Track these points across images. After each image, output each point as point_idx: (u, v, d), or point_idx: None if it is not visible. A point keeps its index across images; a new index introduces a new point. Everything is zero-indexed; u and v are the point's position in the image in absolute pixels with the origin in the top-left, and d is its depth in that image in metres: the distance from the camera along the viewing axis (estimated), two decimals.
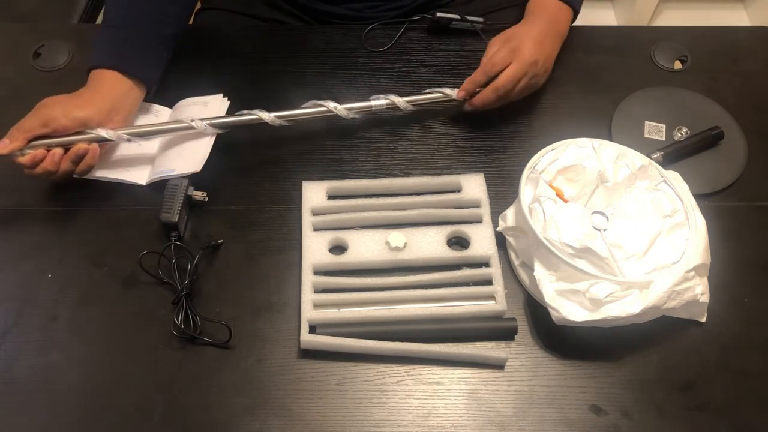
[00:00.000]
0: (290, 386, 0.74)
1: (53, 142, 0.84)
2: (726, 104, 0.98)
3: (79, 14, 1.32)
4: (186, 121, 0.87)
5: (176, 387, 0.74)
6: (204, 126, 0.87)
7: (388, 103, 0.93)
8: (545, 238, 0.77)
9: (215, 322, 0.76)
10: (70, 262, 0.82)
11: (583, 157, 0.84)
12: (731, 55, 1.07)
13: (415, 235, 0.83)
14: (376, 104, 0.93)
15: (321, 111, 0.91)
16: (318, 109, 0.91)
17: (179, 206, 0.82)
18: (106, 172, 0.89)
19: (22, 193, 0.88)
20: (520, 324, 0.78)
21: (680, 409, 0.74)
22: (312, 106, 0.91)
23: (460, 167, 0.92)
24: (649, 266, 0.78)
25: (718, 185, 0.91)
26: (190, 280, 0.78)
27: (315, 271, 0.81)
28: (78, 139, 0.84)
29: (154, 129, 0.89)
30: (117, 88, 0.88)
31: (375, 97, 0.93)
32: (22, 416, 0.72)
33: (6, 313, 0.78)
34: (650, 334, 0.78)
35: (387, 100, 0.93)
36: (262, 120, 0.88)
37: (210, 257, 0.83)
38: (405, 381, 0.75)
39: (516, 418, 0.73)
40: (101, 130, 0.85)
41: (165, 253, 0.80)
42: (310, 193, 0.87)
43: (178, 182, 0.84)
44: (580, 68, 1.04)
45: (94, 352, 0.76)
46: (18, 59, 1.02)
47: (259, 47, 1.05)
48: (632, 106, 0.98)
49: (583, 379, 0.76)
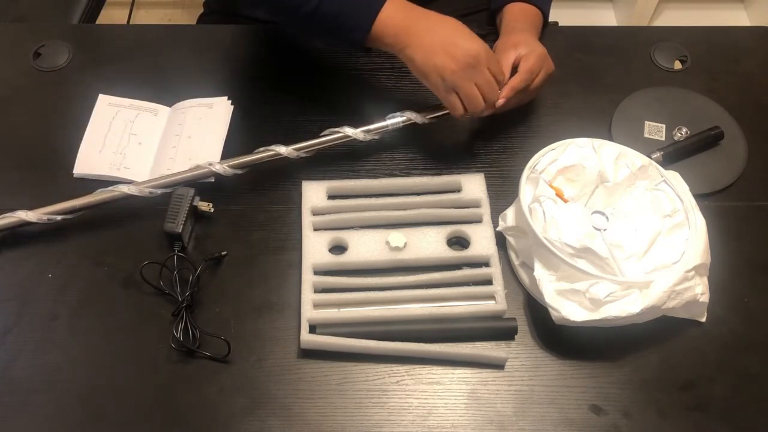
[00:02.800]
0: (290, 386, 0.74)
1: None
2: (726, 104, 0.98)
3: (79, 14, 1.32)
4: (205, 166, 0.85)
5: (176, 387, 0.74)
6: (224, 169, 0.85)
7: (404, 120, 0.91)
8: (545, 238, 0.77)
9: (215, 336, 0.76)
10: (70, 262, 0.82)
11: (583, 157, 0.84)
12: (731, 55, 1.07)
13: (415, 235, 0.83)
14: (392, 123, 0.91)
15: (339, 137, 0.89)
16: (335, 136, 0.89)
17: (184, 216, 0.81)
18: (107, 170, 0.89)
19: (22, 193, 0.88)
20: (520, 324, 0.78)
21: (680, 409, 0.74)
22: (329, 133, 0.89)
23: (460, 167, 0.92)
24: (649, 266, 0.78)
25: (718, 185, 0.91)
26: (191, 292, 0.78)
27: (315, 271, 0.81)
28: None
29: (175, 179, 0.85)
30: None
31: (391, 116, 0.91)
32: (22, 416, 0.72)
33: (6, 313, 0.78)
34: (650, 334, 0.78)
35: (403, 117, 0.91)
36: (281, 155, 0.87)
37: (211, 262, 0.82)
38: (405, 381, 0.75)
39: (516, 418, 0.73)
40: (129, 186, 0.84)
41: (167, 264, 0.79)
42: (310, 193, 0.87)
43: (184, 192, 0.83)
44: (580, 68, 1.04)
45: (94, 352, 0.76)
46: (18, 59, 1.02)
47: (260, 49, 1.05)
48: (632, 106, 0.98)
49: (583, 379, 0.76)
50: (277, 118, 0.96)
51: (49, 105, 0.97)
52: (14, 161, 0.91)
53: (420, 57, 0.84)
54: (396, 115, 0.91)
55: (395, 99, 0.98)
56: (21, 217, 0.81)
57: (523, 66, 0.89)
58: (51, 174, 0.90)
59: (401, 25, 0.85)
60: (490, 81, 0.85)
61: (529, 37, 0.94)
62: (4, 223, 0.81)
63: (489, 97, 0.86)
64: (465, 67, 0.83)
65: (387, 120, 0.91)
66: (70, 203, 0.83)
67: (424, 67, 0.84)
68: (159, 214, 0.82)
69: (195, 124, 0.93)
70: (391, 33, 0.85)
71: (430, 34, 0.84)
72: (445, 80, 0.83)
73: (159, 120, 0.95)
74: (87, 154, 0.91)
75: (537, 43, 0.93)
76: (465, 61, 0.83)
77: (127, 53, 1.03)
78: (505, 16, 1.00)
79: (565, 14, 1.94)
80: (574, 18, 1.99)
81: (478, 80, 0.84)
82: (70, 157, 0.90)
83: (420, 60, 0.84)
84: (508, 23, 0.99)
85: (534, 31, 0.98)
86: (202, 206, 0.84)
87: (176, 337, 0.75)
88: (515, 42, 0.92)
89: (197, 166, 0.86)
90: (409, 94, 0.99)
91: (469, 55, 0.83)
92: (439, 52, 0.83)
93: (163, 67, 1.01)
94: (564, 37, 1.08)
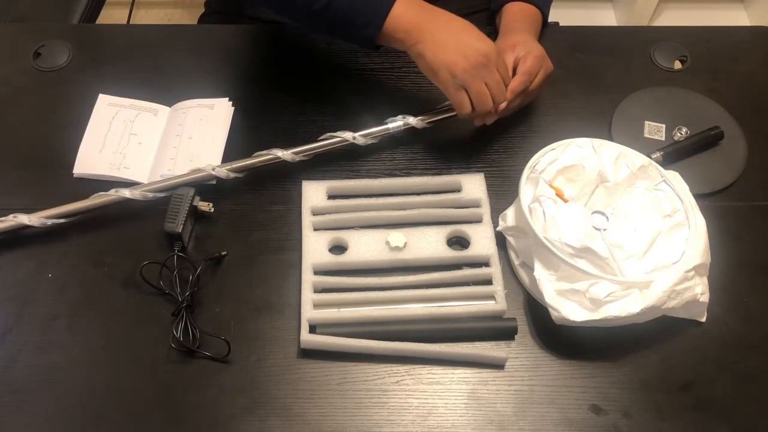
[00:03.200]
0: (290, 386, 0.74)
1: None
2: (726, 104, 0.98)
3: (79, 14, 1.32)
4: (207, 169, 0.85)
5: (176, 387, 0.74)
6: (225, 173, 0.85)
7: (404, 124, 0.91)
8: (545, 238, 0.77)
9: (215, 336, 0.76)
10: (70, 262, 0.82)
11: (583, 157, 0.84)
12: (731, 55, 1.07)
13: (415, 235, 0.83)
14: (392, 127, 0.91)
15: (338, 142, 0.89)
16: (335, 140, 0.89)
17: (184, 216, 0.81)
18: (107, 170, 0.89)
19: (22, 193, 0.88)
20: (520, 324, 0.78)
21: (680, 409, 0.74)
22: (328, 138, 0.90)
23: (460, 167, 0.92)
24: (649, 266, 0.78)
25: (718, 185, 0.91)
26: (191, 292, 0.78)
27: (315, 271, 0.81)
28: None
29: (176, 182, 0.85)
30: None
31: (391, 120, 0.91)
32: (22, 416, 0.72)
33: (6, 313, 0.78)
34: (650, 334, 0.78)
35: (403, 121, 0.91)
36: (280, 158, 0.87)
37: (211, 262, 0.82)
38: (405, 381, 0.75)
39: (516, 418, 0.73)
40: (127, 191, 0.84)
41: (167, 264, 0.79)
42: (310, 193, 0.87)
43: (184, 192, 0.83)
44: (580, 68, 1.04)
45: (94, 352, 0.76)
46: (18, 59, 1.02)
47: (260, 49, 1.05)
48: (632, 106, 0.98)
49: (583, 379, 0.76)
50: (277, 117, 0.96)
51: (49, 105, 0.97)
52: (14, 161, 0.91)
53: (431, 53, 0.84)
54: (396, 119, 0.91)
55: (395, 99, 0.98)
56: (21, 222, 0.81)
57: (521, 68, 0.89)
58: (51, 174, 0.90)
59: (413, 21, 0.85)
60: (498, 81, 0.85)
61: (527, 37, 0.94)
62: (3, 227, 0.81)
63: (497, 98, 0.86)
64: (476, 66, 0.83)
65: (386, 124, 0.91)
66: (70, 206, 0.83)
67: (434, 64, 0.84)
68: (159, 214, 0.82)
69: (196, 124, 0.93)
70: (403, 29, 0.85)
71: (442, 32, 0.84)
72: (456, 77, 0.83)
73: (159, 120, 0.95)
74: (87, 154, 0.91)
75: (535, 43, 0.93)
76: (476, 60, 0.83)
77: (127, 53, 1.03)
78: (504, 15, 1.00)
79: (565, 14, 1.94)
80: (574, 18, 1.99)
81: (488, 80, 0.84)
82: (70, 157, 0.90)
83: (430, 56, 0.84)
84: (507, 23, 0.98)
85: (533, 31, 0.98)
86: (202, 206, 0.84)
87: (176, 337, 0.75)
88: (513, 43, 0.92)
89: (197, 169, 0.86)
90: (410, 93, 0.99)
91: (480, 54, 0.83)
92: (451, 50, 0.83)
93: (163, 67, 1.01)
94: (564, 37, 1.08)
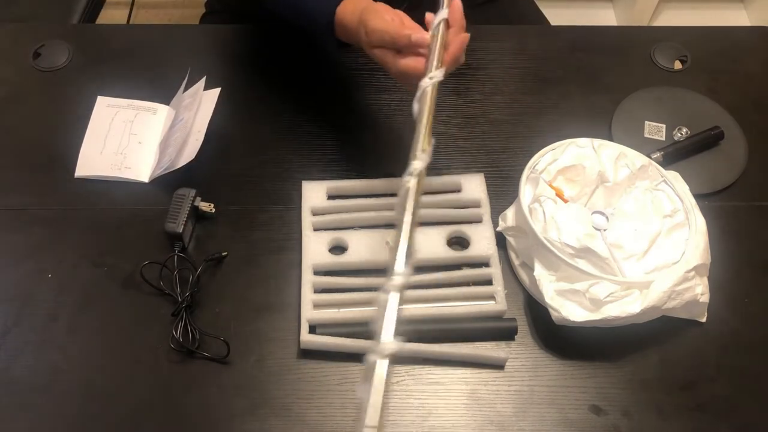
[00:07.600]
0: (290, 386, 0.74)
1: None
2: (726, 104, 0.98)
3: (79, 14, 1.32)
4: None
5: (176, 387, 0.74)
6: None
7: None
8: (545, 238, 0.77)
9: (214, 337, 0.76)
10: (70, 262, 0.82)
11: (583, 157, 0.84)
12: (731, 55, 1.07)
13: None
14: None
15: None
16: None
17: (185, 217, 0.81)
18: (107, 170, 0.89)
19: (22, 193, 0.88)
20: (520, 324, 0.78)
21: (680, 409, 0.74)
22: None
23: (460, 167, 0.92)
24: (649, 266, 0.78)
25: (718, 185, 0.91)
26: (191, 293, 0.78)
27: (315, 271, 0.81)
28: None
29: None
30: None
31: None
32: (22, 416, 0.72)
33: (6, 313, 0.78)
34: (650, 334, 0.78)
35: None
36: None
37: (211, 263, 0.82)
38: (405, 381, 0.75)
39: (516, 418, 0.73)
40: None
41: (167, 264, 0.79)
42: (310, 193, 0.87)
43: (185, 192, 0.83)
44: (580, 68, 1.04)
45: (93, 352, 0.76)
46: (18, 59, 1.02)
47: (260, 49, 1.05)
48: (632, 106, 0.98)
49: (583, 379, 0.76)
50: (277, 117, 0.96)
51: (49, 105, 0.97)
52: (14, 161, 0.91)
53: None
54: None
55: (396, 98, 0.98)
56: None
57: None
58: (51, 174, 0.90)
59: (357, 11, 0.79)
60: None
61: None
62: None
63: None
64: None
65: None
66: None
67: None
68: (160, 214, 0.82)
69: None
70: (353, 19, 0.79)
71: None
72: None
73: (158, 118, 0.95)
74: (88, 155, 0.91)
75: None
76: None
77: (126, 53, 1.03)
78: None
79: (565, 14, 1.95)
80: (574, 18, 2.00)
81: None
82: (70, 157, 0.90)
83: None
84: None
85: None
86: (203, 206, 0.84)
87: (176, 338, 0.75)
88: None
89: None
90: (410, 93, 0.99)
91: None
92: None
93: (163, 68, 1.01)
94: (564, 37, 1.08)
